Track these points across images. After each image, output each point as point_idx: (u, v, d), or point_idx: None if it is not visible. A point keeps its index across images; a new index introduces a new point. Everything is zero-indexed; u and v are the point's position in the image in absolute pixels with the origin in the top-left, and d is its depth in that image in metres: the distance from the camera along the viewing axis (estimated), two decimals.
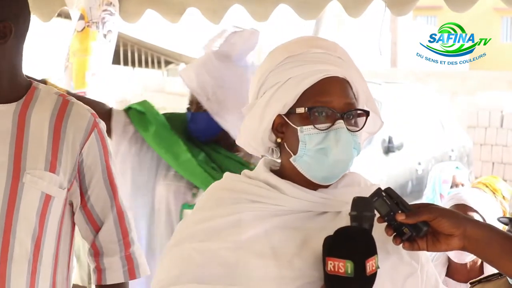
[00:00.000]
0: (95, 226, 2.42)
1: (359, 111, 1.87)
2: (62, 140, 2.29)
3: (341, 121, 1.83)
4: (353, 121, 1.86)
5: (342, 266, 1.71)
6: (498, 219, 3.28)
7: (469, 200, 3.44)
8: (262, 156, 1.98)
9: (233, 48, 3.32)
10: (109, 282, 2.44)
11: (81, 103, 2.39)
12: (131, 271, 2.45)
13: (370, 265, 1.72)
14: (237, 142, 1.99)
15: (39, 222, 2.28)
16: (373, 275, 1.73)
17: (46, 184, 2.27)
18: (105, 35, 4.07)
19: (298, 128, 1.85)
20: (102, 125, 2.40)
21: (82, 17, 4.06)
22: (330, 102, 1.84)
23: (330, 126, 1.83)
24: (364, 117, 1.88)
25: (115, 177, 2.42)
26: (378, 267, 1.74)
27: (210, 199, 1.91)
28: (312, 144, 1.84)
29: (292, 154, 1.86)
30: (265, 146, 1.94)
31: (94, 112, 2.40)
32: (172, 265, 1.84)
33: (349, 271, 1.71)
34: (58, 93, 2.37)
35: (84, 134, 2.33)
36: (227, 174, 1.95)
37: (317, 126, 1.83)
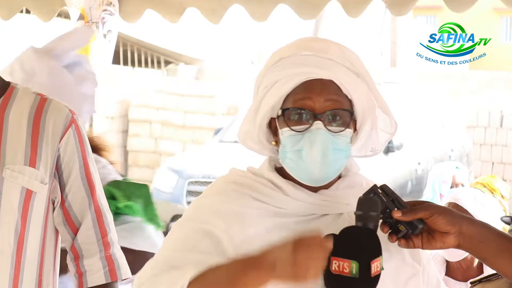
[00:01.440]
0: (73, 228, 2.39)
1: (341, 110, 1.85)
2: (41, 135, 2.31)
3: (319, 122, 1.82)
4: (337, 122, 1.85)
5: (347, 266, 1.71)
6: (501, 219, 3.28)
7: (462, 199, 3.44)
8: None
9: (58, 44, 3.32)
10: (90, 284, 2.38)
11: (59, 100, 2.41)
12: (112, 272, 2.39)
13: (375, 266, 1.71)
14: (238, 140, 2.00)
15: (21, 217, 2.29)
16: (377, 276, 1.73)
17: (27, 179, 2.28)
18: (105, 35, 4.07)
19: (279, 130, 1.87)
20: (79, 122, 2.40)
21: (81, 17, 4.06)
22: (309, 104, 1.84)
23: (307, 128, 1.83)
24: (349, 115, 1.86)
25: (94, 176, 2.40)
26: (382, 268, 1.74)
27: (214, 189, 1.93)
28: (289, 146, 1.85)
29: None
30: (269, 148, 1.95)
31: (72, 109, 2.40)
32: (176, 240, 1.86)
33: (354, 272, 1.71)
34: (36, 93, 2.39)
35: (62, 129, 2.34)
36: (232, 169, 1.96)
37: (292, 128, 1.84)
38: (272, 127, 1.91)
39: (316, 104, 1.83)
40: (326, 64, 1.86)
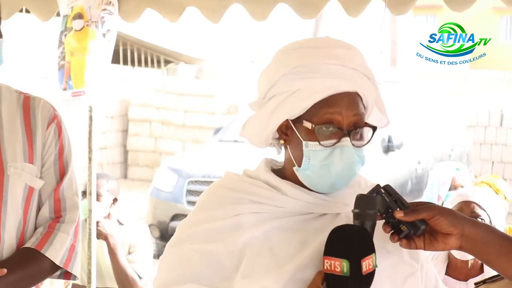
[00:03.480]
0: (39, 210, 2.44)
1: (367, 126, 1.85)
2: (33, 132, 2.38)
3: (347, 138, 1.81)
4: (359, 136, 1.85)
5: (338, 265, 1.71)
6: None
7: (477, 198, 3.43)
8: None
9: None
10: (26, 244, 2.37)
11: (39, 97, 2.47)
12: (42, 242, 2.37)
13: (366, 264, 1.71)
14: (240, 134, 1.98)
15: (23, 214, 2.35)
16: (370, 274, 1.73)
17: (29, 177, 2.34)
18: (104, 35, 4.07)
19: (304, 142, 1.83)
20: (60, 117, 2.47)
21: (81, 16, 4.05)
22: (337, 119, 1.82)
23: (335, 143, 1.82)
24: (371, 130, 1.86)
25: (67, 169, 2.44)
26: (376, 266, 1.73)
27: (210, 198, 1.91)
28: (317, 160, 1.82)
29: (296, 164, 1.86)
30: (268, 143, 1.94)
31: (53, 105, 2.47)
32: (172, 265, 1.84)
33: (345, 270, 1.71)
34: (17, 91, 2.44)
35: (46, 124, 2.41)
36: (227, 173, 1.95)
37: (322, 143, 1.82)
38: (281, 125, 1.88)
39: (345, 119, 1.82)
40: (351, 75, 1.84)
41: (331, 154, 1.81)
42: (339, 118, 1.82)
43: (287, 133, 1.87)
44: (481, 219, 3.34)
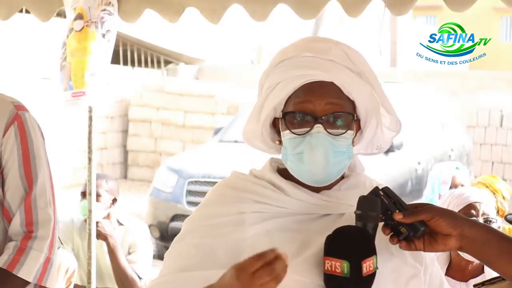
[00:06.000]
0: (9, 222, 2.36)
1: (342, 113, 1.85)
2: None
3: (319, 125, 1.82)
4: (337, 124, 1.84)
5: (339, 266, 1.71)
6: (505, 217, 3.27)
7: (479, 198, 3.43)
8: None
9: None
10: None
11: (5, 95, 2.36)
12: (13, 262, 2.31)
13: (367, 266, 1.71)
14: (244, 140, 2.00)
15: None
16: (371, 276, 1.73)
17: None
18: (104, 35, 4.07)
19: (282, 133, 1.88)
20: (26, 117, 2.36)
21: (81, 17, 4.05)
22: (308, 107, 1.84)
23: (308, 131, 1.83)
24: (351, 118, 1.86)
25: (36, 174, 2.36)
26: (376, 268, 1.73)
27: (215, 196, 1.93)
28: (290, 149, 1.86)
29: None
30: (268, 143, 1.95)
31: (20, 104, 2.36)
32: (172, 260, 1.86)
33: (345, 271, 1.71)
34: None
35: (4, 127, 2.31)
36: (233, 172, 1.96)
37: (293, 130, 1.84)
38: (276, 126, 1.91)
39: (317, 107, 1.84)
40: (326, 65, 1.86)
41: (302, 141, 1.84)
42: (310, 106, 1.84)
43: (280, 133, 1.90)
44: (491, 219, 3.35)
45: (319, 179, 1.85)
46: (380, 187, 1.80)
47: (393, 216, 1.76)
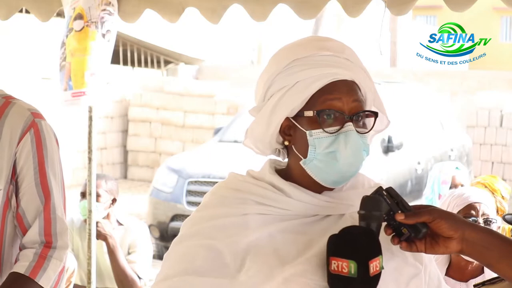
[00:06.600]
0: (23, 230, 2.35)
1: (367, 112, 1.86)
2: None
3: (350, 123, 1.81)
4: (361, 123, 1.85)
5: (346, 266, 1.70)
6: (503, 217, 3.26)
7: (479, 199, 3.43)
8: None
9: None
10: (15, 269, 2.32)
11: (23, 102, 2.34)
12: (35, 269, 2.31)
13: (373, 265, 1.71)
14: (243, 144, 1.97)
15: None
16: (377, 276, 1.72)
17: None
18: (104, 35, 4.06)
19: (307, 132, 1.83)
20: (42, 125, 2.34)
21: (80, 17, 4.05)
22: (339, 105, 1.82)
23: (339, 129, 1.81)
24: (373, 118, 1.87)
25: (51, 183, 2.34)
26: (382, 268, 1.73)
27: (215, 197, 1.91)
28: (322, 148, 1.82)
29: (302, 158, 1.85)
30: (272, 148, 1.93)
31: (37, 112, 2.34)
32: (176, 261, 1.84)
33: (352, 271, 1.70)
34: (3, 95, 2.35)
35: (20, 134, 2.29)
36: (232, 174, 1.94)
37: (326, 129, 1.81)
38: (283, 126, 1.88)
39: (345, 105, 1.83)
40: (346, 64, 1.86)
41: (336, 140, 1.81)
42: (339, 104, 1.82)
43: (290, 133, 1.87)
44: (491, 219, 3.35)
45: (345, 178, 1.85)
46: (384, 187, 1.80)
47: (395, 217, 1.75)
